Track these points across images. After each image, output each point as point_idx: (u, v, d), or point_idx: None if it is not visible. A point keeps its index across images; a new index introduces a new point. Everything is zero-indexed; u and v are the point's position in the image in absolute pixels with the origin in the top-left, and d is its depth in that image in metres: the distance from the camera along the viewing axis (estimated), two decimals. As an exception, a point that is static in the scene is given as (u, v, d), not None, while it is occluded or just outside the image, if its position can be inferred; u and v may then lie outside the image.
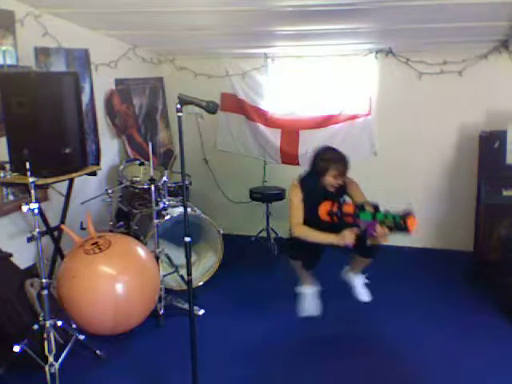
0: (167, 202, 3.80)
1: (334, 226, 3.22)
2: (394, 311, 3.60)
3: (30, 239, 2.65)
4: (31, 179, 2.52)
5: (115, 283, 3.02)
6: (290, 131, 4.93)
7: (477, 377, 2.83)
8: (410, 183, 4.80)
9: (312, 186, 3.36)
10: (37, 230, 2.57)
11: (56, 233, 3.47)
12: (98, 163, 3.97)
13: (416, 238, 4.88)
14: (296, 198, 3.39)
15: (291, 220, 3.41)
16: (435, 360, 3.00)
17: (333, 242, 3.15)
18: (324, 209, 3.24)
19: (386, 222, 2.96)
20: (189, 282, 2.37)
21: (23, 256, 3.19)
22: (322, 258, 3.51)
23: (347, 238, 3.07)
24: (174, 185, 4.18)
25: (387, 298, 3.74)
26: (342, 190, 3.42)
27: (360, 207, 3.10)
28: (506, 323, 3.40)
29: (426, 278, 4.24)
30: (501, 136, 3.93)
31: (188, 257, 2.33)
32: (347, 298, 3.72)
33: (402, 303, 3.72)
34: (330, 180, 3.28)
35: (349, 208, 3.16)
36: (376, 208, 3.04)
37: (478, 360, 2.99)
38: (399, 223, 2.90)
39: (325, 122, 4.82)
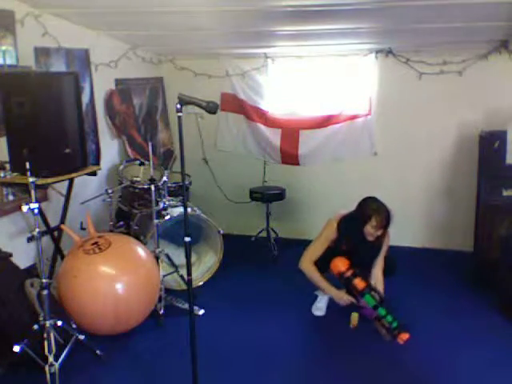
0: (167, 202, 3.80)
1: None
2: (394, 311, 3.59)
3: (29, 239, 2.66)
4: (31, 179, 2.52)
5: (115, 283, 3.02)
6: (290, 131, 4.93)
7: (477, 376, 2.83)
8: (410, 183, 4.80)
9: (351, 230, 3.37)
10: (37, 230, 2.57)
11: (56, 233, 3.48)
12: (98, 163, 3.97)
13: (416, 237, 4.90)
14: (326, 236, 3.45)
15: (307, 251, 3.50)
16: (435, 359, 2.99)
17: (330, 295, 3.44)
18: (338, 266, 3.33)
19: (382, 319, 3.17)
20: (189, 282, 2.36)
21: (23, 256, 3.19)
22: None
23: (342, 302, 3.37)
24: (173, 185, 4.18)
25: (388, 297, 3.73)
26: (379, 241, 3.43)
27: (370, 289, 3.25)
28: (505, 323, 3.40)
29: (426, 277, 4.24)
30: (501, 136, 3.93)
31: (188, 257, 2.33)
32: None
33: (401, 303, 3.71)
34: (370, 230, 3.29)
35: (360, 284, 3.27)
36: (382, 300, 3.22)
37: (477, 359, 2.99)
38: (392, 330, 3.13)
39: (325, 122, 4.82)
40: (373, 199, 3.37)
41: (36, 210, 2.55)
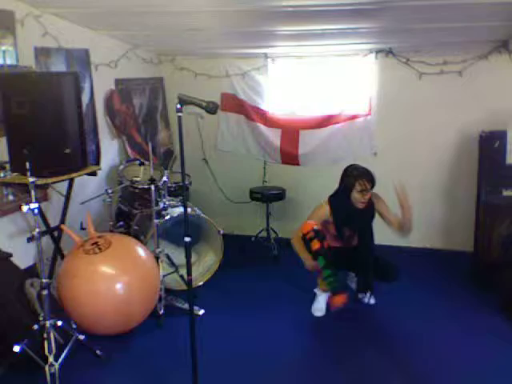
0: (167, 202, 3.80)
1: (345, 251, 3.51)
2: (394, 311, 3.60)
3: (30, 239, 2.65)
4: (31, 179, 2.52)
5: (115, 283, 3.02)
6: (290, 131, 4.93)
7: (476, 376, 2.84)
8: (410, 183, 4.76)
9: (341, 203, 3.44)
10: (37, 229, 2.57)
11: (56, 233, 3.47)
12: (97, 163, 3.97)
13: (416, 237, 4.89)
14: (317, 214, 3.49)
15: (299, 229, 3.49)
16: (435, 359, 3.00)
17: (304, 261, 3.42)
18: (303, 228, 3.38)
19: (324, 279, 3.35)
20: (189, 282, 2.37)
21: (23, 256, 3.19)
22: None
23: (306, 264, 3.42)
24: (174, 185, 4.18)
25: (388, 298, 3.74)
26: (371, 207, 3.49)
27: (325, 251, 3.32)
28: (505, 323, 3.40)
29: (426, 277, 4.24)
30: (501, 136, 3.93)
31: (188, 257, 2.33)
32: (351, 300, 3.75)
33: (402, 303, 3.72)
34: (357, 196, 3.35)
35: (315, 245, 3.33)
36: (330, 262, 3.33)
37: (477, 359, 2.99)
38: (330, 289, 3.35)
39: (325, 122, 4.82)
40: (352, 167, 3.44)
41: (36, 210, 2.55)
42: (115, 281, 3.02)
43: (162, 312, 3.43)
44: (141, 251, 3.29)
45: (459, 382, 2.80)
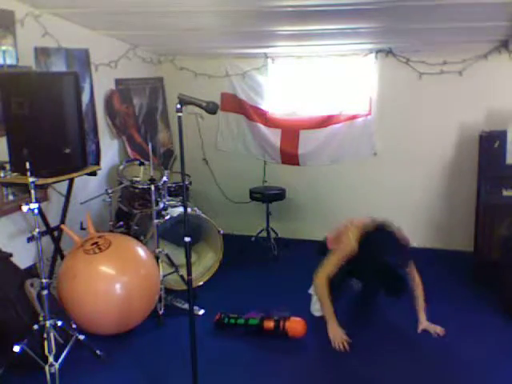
0: (167, 202, 3.80)
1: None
2: (394, 311, 3.60)
3: (29, 239, 2.66)
4: (31, 179, 2.52)
5: (115, 283, 3.02)
6: (290, 131, 4.93)
7: (476, 375, 2.84)
8: (410, 183, 4.80)
9: (368, 256, 3.17)
10: (37, 229, 2.57)
11: (56, 233, 3.48)
12: (98, 163, 3.98)
13: (416, 237, 4.89)
14: (343, 252, 3.19)
15: (325, 266, 3.22)
16: (435, 358, 3.00)
17: (322, 306, 3.28)
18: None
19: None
20: (189, 282, 2.37)
21: (23, 256, 3.19)
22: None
23: (335, 339, 3.14)
24: (173, 185, 4.19)
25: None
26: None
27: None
28: (506, 323, 3.40)
29: (426, 277, 4.21)
30: (501, 136, 3.93)
31: (188, 257, 2.33)
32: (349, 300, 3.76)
33: (401, 303, 3.71)
34: None
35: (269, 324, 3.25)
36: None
37: (477, 359, 2.99)
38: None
39: (325, 122, 4.82)
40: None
41: (36, 210, 2.55)
42: (115, 281, 3.02)
43: (162, 312, 3.43)
44: (141, 251, 3.29)
45: (459, 382, 2.80)
